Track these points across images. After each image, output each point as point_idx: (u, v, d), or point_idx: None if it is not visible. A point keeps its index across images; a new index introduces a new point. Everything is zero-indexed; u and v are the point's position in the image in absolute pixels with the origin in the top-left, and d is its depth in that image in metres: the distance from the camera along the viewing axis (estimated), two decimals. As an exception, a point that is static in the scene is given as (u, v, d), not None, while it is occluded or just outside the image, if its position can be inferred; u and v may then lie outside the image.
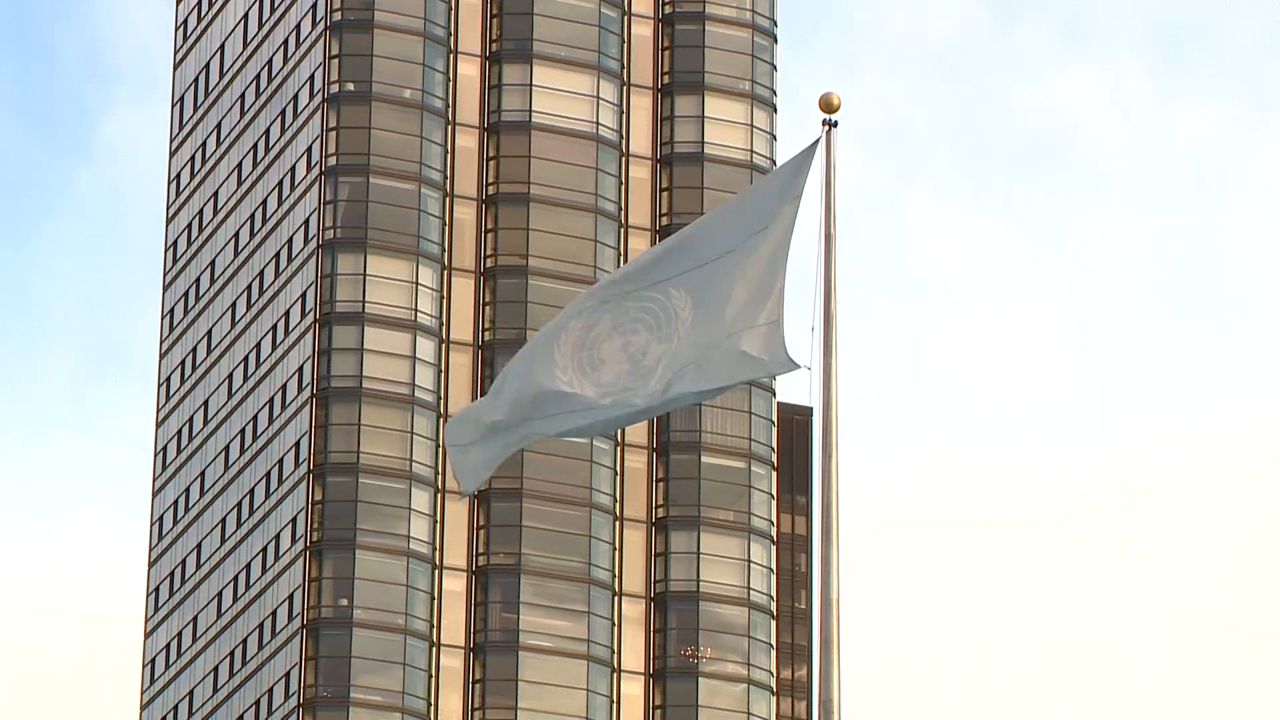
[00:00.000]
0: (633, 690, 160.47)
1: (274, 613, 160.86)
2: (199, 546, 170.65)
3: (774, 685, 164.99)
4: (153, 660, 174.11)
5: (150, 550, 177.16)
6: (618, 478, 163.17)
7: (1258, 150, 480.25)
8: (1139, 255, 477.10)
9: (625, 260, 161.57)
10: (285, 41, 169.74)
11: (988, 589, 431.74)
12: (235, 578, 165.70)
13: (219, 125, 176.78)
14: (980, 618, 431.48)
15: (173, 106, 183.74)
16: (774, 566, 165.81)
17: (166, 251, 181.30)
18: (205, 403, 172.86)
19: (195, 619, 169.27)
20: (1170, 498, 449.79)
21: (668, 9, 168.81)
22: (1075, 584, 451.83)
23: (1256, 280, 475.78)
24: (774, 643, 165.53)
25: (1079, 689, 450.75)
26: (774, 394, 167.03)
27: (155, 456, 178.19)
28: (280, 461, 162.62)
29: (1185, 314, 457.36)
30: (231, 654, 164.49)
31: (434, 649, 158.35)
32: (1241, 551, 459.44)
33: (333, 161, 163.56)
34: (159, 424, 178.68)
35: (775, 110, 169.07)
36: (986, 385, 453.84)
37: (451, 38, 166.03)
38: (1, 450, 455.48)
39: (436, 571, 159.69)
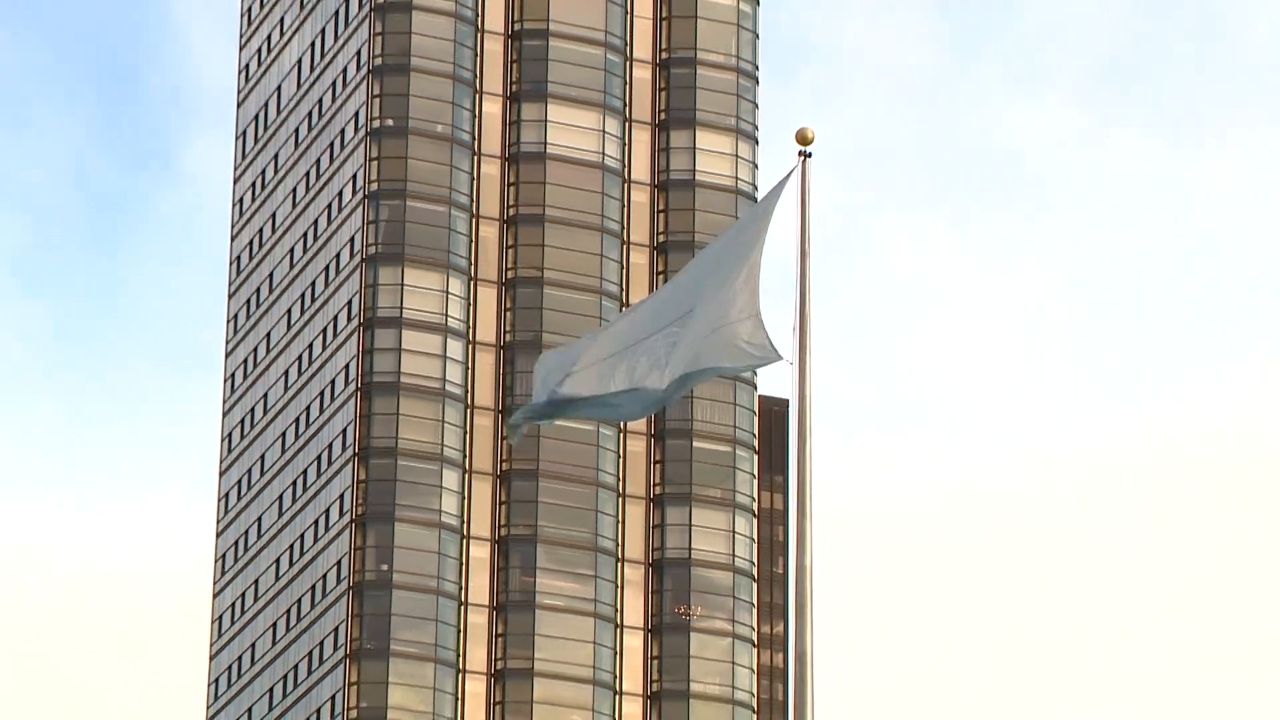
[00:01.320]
0: (633, 643, 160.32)
1: (324, 576, 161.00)
2: (259, 519, 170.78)
3: (755, 639, 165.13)
4: (220, 617, 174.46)
5: (218, 522, 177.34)
6: (620, 460, 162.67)
7: (1181, 171, 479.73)
8: (1079, 264, 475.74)
9: (627, 272, 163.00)
10: (333, 83, 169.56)
11: (945, 556, 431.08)
12: (291, 546, 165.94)
13: (276, 155, 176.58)
14: (940, 581, 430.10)
15: (237, 139, 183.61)
16: (755, 537, 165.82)
17: (231, 264, 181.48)
18: (264, 395, 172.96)
19: (256, 581, 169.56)
20: (1114, 481, 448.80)
21: (664, 55, 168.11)
22: (1025, 552, 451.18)
23: (1183, 286, 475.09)
24: (755, 602, 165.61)
25: (1036, 643, 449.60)
26: (755, 387, 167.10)
27: (222, 441, 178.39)
28: (329, 446, 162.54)
29: (1120, 315, 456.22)
30: (288, 612, 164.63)
31: (462, 608, 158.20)
32: (1192, 531, 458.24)
33: (374, 187, 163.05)
34: (225, 413, 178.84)
35: (757, 142, 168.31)
36: (945, 379, 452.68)
37: (477, 80, 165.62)
38: (93, 432, 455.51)
39: (464, 541, 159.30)
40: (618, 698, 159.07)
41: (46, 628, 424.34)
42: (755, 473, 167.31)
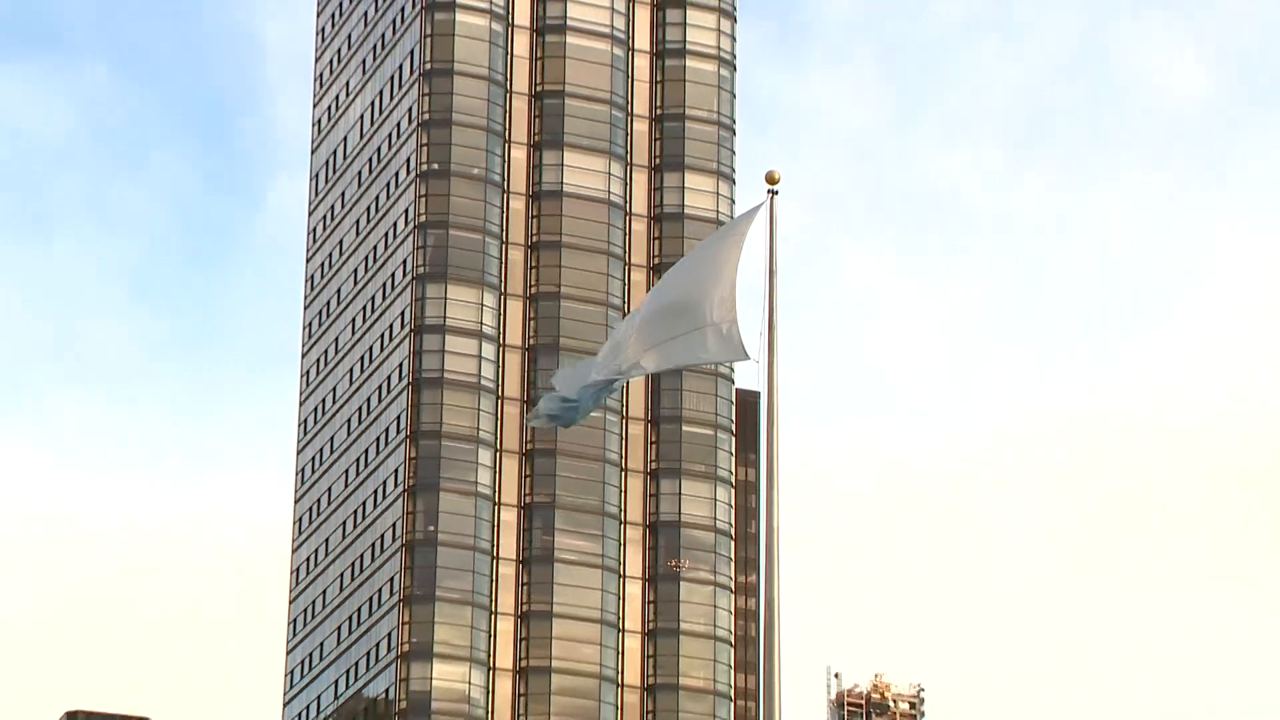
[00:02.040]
0: (633, 590, 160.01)
1: (381, 536, 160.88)
2: (329, 489, 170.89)
3: (733, 586, 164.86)
4: (297, 568, 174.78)
5: (295, 491, 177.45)
6: (623, 441, 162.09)
7: (1080, 205, 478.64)
8: (998, 280, 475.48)
9: (628, 289, 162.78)
10: (389, 135, 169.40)
11: (886, 515, 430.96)
12: (354, 511, 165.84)
13: (343, 193, 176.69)
14: (881, 535, 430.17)
15: (311, 179, 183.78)
16: (732, 503, 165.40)
17: (306, 281, 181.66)
18: (333, 388, 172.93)
19: (326, 539, 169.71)
20: (1018, 451, 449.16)
21: (658, 111, 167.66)
22: (947, 508, 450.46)
23: (1080, 297, 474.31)
24: (732, 556, 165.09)
25: (959, 578, 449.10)
26: (732, 382, 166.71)
27: (298, 425, 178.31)
28: (386, 430, 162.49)
29: (1028, 321, 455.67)
30: (352, 564, 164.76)
31: (494, 561, 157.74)
32: (1079, 489, 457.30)
33: (422, 219, 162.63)
34: (301, 403, 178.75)
35: (734, 182, 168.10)
36: (887, 373, 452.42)
37: (507, 131, 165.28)
38: (196, 418, 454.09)
39: (495, 507, 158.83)
40: (621, 635, 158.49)
41: (161, 574, 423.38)
42: (733, 451, 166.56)
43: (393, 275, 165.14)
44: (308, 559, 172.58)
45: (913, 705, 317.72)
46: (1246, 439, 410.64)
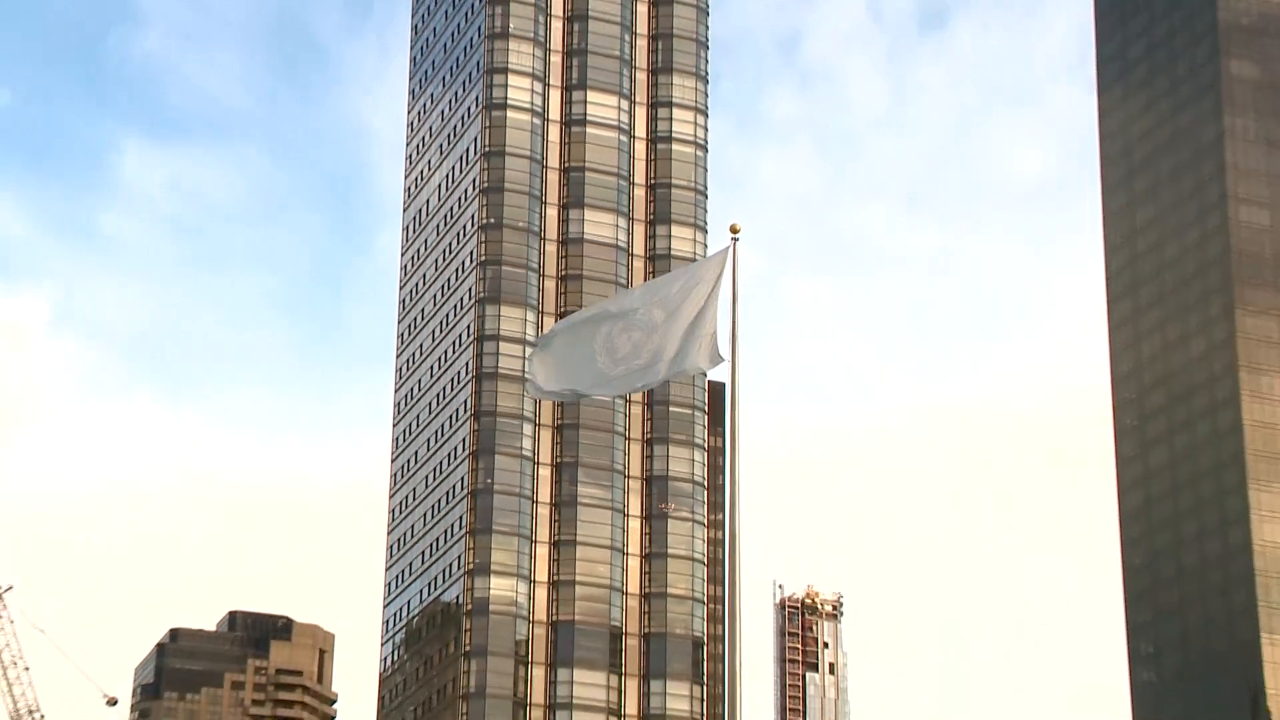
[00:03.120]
0: (634, 525, 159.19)
1: (453, 486, 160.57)
2: (416, 452, 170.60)
3: (705, 522, 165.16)
4: (393, 509, 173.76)
5: (392, 454, 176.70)
6: (626, 417, 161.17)
7: (966, 246, 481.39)
8: (908, 301, 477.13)
9: None
10: (459, 198, 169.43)
11: (818, 470, 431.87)
12: (435, 468, 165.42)
13: (426, 239, 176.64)
14: (816, 484, 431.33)
15: (403, 230, 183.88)
16: (705, 462, 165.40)
17: (400, 304, 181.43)
18: (419, 380, 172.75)
19: (414, 489, 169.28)
20: (913, 424, 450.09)
21: (651, 181, 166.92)
22: (861, 467, 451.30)
23: (959, 317, 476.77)
24: (705, 501, 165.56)
25: (870, 516, 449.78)
26: (705, 374, 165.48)
27: (394, 406, 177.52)
28: (457, 410, 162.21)
29: (922, 331, 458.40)
30: (432, 506, 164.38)
31: (534, 505, 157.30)
32: (949, 453, 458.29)
33: (483, 259, 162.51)
34: (396, 390, 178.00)
35: (707, 232, 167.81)
36: (818, 369, 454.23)
37: (543, 195, 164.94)
38: (325, 401, 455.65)
39: (535, 465, 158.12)
40: (625, 557, 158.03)
41: (299, 511, 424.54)
42: (705, 425, 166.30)
43: (461, 299, 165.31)
44: (401, 502, 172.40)
45: (834, 607, 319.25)
46: (1064, 422, 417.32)
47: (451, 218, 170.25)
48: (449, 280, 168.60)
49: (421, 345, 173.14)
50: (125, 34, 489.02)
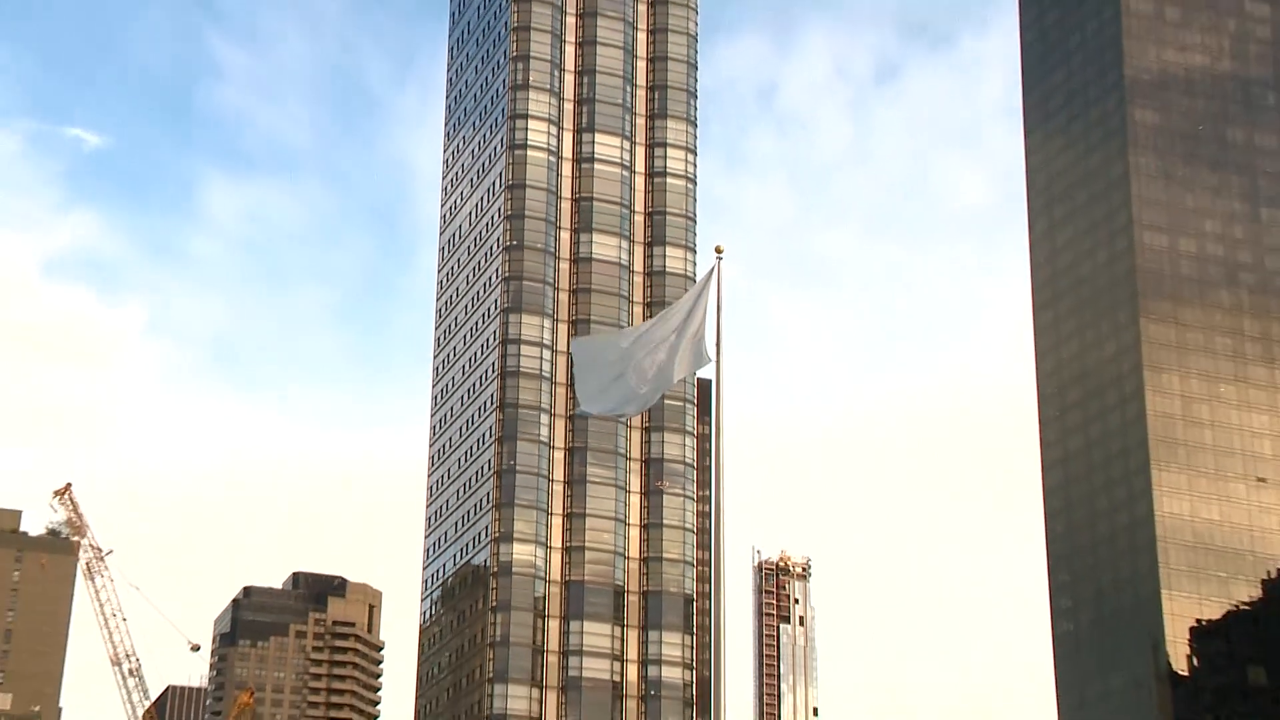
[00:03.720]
0: (634, 500, 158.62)
1: (482, 466, 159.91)
2: (450, 438, 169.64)
3: (695, 498, 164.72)
4: (431, 486, 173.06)
5: (430, 439, 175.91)
6: None
7: (909, 265, 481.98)
8: (859, 312, 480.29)
9: (630, 316, 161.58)
10: (487, 223, 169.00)
11: (791, 453, 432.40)
12: (466, 452, 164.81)
13: (459, 259, 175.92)
14: (789, 465, 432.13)
15: (439, 250, 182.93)
16: (695, 447, 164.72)
17: (436, 312, 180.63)
18: (452, 377, 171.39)
19: (449, 469, 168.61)
20: (871, 413, 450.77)
21: (648, 209, 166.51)
22: (829, 450, 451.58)
23: (910, 325, 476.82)
24: (695, 480, 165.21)
25: (835, 492, 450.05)
26: (695, 372, 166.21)
27: (432, 399, 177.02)
28: (485, 402, 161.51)
29: (879, 337, 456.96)
30: (464, 483, 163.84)
31: (550, 482, 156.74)
32: (901, 437, 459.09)
33: (506, 275, 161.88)
34: (434, 384, 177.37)
35: (696, 253, 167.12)
36: (790, 368, 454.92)
37: (557, 220, 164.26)
38: (373, 394, 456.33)
39: (551, 449, 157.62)
40: (626, 527, 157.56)
41: (350, 489, 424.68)
42: (695, 415, 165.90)
43: (488, 309, 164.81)
44: (437, 480, 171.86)
45: (804, 569, 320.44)
46: (997, 412, 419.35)
47: (480, 240, 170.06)
48: (478, 293, 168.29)
49: (455, 348, 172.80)
50: (208, 87, 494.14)
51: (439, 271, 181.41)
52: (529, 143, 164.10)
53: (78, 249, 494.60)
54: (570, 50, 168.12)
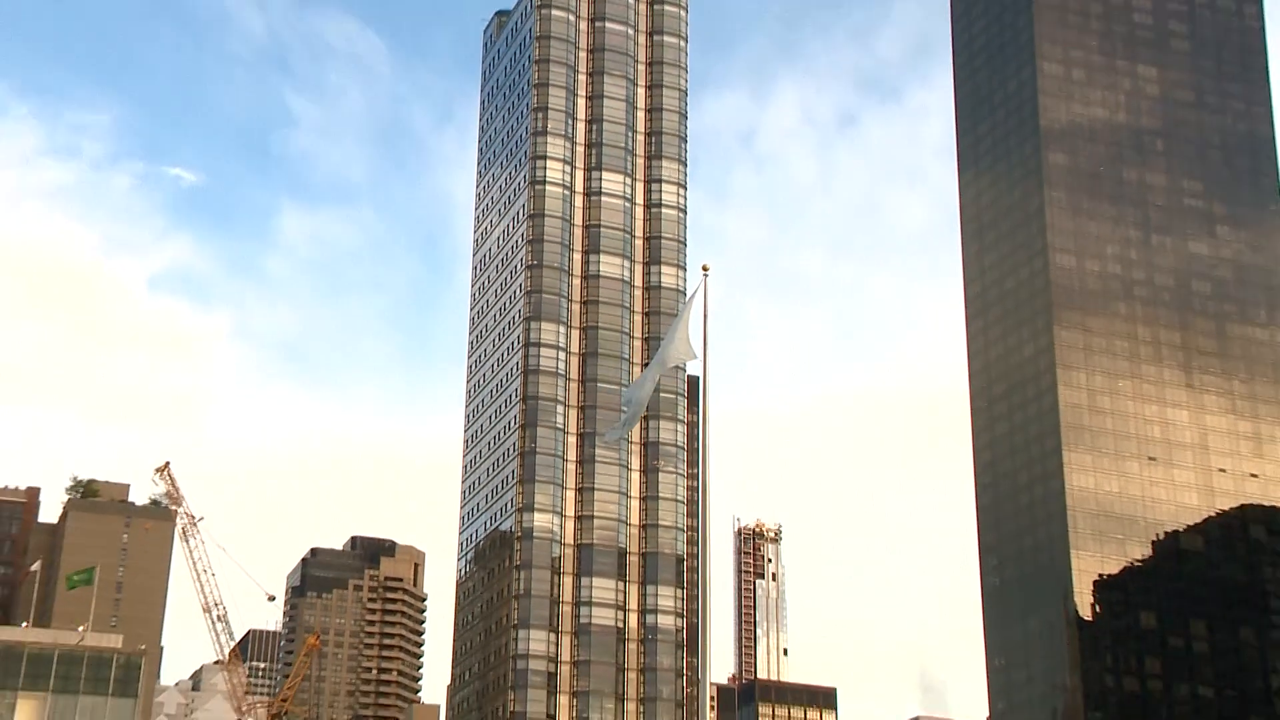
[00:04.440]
0: (635, 476, 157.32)
1: (507, 449, 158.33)
2: (481, 425, 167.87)
3: (685, 475, 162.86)
4: (466, 465, 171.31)
5: (464, 426, 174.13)
6: None
7: (861, 277, 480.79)
8: (822, 320, 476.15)
9: (631, 324, 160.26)
10: (512, 246, 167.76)
11: (766, 437, 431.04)
12: (495, 435, 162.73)
13: (489, 276, 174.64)
14: (763, 446, 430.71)
15: (472, 269, 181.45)
16: (685, 432, 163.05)
17: (470, 320, 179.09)
18: (484, 374, 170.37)
19: (480, 451, 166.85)
20: (830, 404, 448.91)
21: (647, 235, 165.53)
22: (797, 434, 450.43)
23: (860, 331, 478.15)
24: (685, 459, 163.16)
25: (802, 468, 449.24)
26: (685, 370, 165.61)
27: (466, 393, 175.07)
28: (510, 395, 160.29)
29: (838, 340, 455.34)
30: (493, 463, 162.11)
31: (565, 462, 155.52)
32: (855, 422, 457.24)
33: (528, 289, 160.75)
34: (468, 380, 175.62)
35: (686, 270, 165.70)
36: (765, 366, 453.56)
37: (570, 244, 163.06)
38: (418, 389, 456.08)
39: (565, 434, 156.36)
40: (628, 499, 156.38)
41: (393, 466, 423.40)
42: (685, 405, 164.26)
43: (513, 317, 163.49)
44: (471, 459, 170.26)
45: (775, 534, 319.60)
46: (937, 402, 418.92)
47: (506, 260, 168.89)
48: (505, 304, 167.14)
49: (485, 349, 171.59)
50: (283, 133, 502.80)
51: (472, 285, 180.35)
52: (547, 179, 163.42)
53: (176, 267, 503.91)
54: (581, 103, 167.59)
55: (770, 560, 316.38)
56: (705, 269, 21.90)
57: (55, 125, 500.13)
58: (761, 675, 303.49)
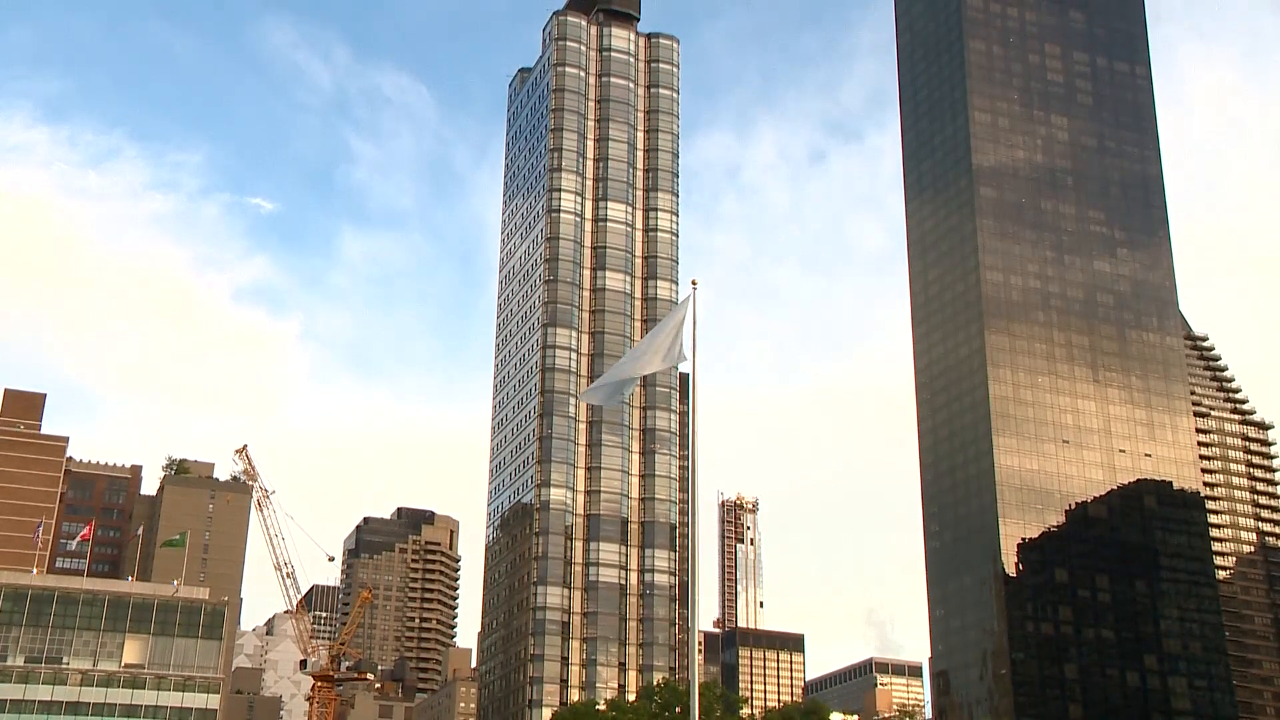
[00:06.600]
0: (634, 458, 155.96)
1: (527, 434, 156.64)
2: (505, 414, 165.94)
3: (677, 457, 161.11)
4: (494, 446, 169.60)
5: (491, 416, 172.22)
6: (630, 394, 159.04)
7: (831, 292, 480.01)
8: (794, 327, 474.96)
9: (632, 329, 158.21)
10: (533, 263, 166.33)
11: (745, 425, 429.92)
12: (516, 423, 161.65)
13: (513, 288, 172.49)
14: (743, 432, 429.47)
15: (499, 282, 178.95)
16: (678, 420, 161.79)
17: (496, 324, 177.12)
18: (508, 371, 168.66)
19: (505, 436, 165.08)
20: (806, 396, 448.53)
21: (644, 254, 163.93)
22: (775, 420, 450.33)
23: (829, 335, 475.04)
24: (677, 443, 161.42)
25: (781, 449, 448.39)
26: (678, 368, 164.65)
27: (493, 388, 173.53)
28: (530, 388, 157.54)
29: (810, 340, 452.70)
30: (514, 447, 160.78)
31: (576, 445, 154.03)
32: (830, 410, 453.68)
33: (545, 299, 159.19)
34: (495, 376, 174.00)
35: (678, 285, 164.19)
36: (748, 365, 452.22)
37: (581, 261, 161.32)
38: (453, 387, 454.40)
39: (576, 421, 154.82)
40: (629, 476, 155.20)
41: (429, 448, 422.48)
42: (677, 397, 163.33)
43: (533, 323, 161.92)
44: (498, 442, 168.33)
45: (754, 506, 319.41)
46: (889, 395, 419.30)
47: (528, 275, 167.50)
48: (526, 312, 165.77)
49: (510, 350, 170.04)
50: (345, 169, 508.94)
51: (498, 297, 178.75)
52: (562, 208, 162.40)
53: (255, 281, 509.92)
54: (590, 144, 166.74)
55: (749, 528, 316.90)
56: (694, 283, 21.59)
57: (159, 163, 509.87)
58: (742, 624, 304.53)
